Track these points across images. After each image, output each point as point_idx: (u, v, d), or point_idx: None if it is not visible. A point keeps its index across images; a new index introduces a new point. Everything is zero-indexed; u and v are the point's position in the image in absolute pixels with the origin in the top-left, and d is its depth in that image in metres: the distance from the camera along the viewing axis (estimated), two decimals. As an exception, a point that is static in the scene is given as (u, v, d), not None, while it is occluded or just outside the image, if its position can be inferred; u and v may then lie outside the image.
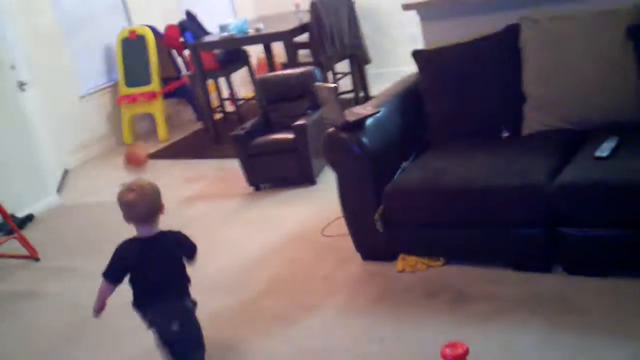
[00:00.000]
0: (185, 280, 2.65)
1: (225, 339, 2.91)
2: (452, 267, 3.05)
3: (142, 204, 2.49)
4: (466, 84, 3.37)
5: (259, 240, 3.89)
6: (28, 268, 4.30)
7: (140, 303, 2.65)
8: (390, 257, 3.21)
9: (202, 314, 3.17)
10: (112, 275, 2.62)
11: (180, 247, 2.63)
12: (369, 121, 3.19)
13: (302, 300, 3.09)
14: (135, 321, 3.30)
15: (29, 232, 4.76)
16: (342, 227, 3.44)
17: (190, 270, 3.73)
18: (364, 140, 3.08)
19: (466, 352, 1.58)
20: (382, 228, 3.10)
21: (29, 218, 5.16)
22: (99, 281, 3.89)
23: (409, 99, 3.56)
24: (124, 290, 3.69)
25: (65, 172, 6.51)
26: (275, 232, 3.94)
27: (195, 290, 3.46)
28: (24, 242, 4.41)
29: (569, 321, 2.49)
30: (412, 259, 3.13)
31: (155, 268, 2.57)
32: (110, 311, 3.48)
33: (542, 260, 2.83)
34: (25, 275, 4.21)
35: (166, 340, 2.59)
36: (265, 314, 3.05)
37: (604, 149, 2.76)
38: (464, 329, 2.59)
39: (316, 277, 3.27)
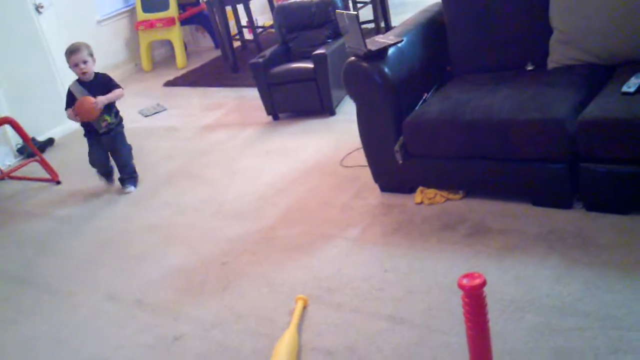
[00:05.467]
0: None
1: (242, 264, 2.96)
2: (471, 200, 3.05)
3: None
4: (491, 15, 3.28)
5: (276, 169, 3.90)
6: (49, 191, 4.37)
7: None
8: (409, 189, 3.21)
9: (220, 239, 3.23)
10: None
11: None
12: (390, 51, 3.13)
13: (319, 230, 3.12)
14: (152, 245, 3.37)
15: (49, 156, 4.81)
16: (361, 158, 3.44)
17: (208, 196, 3.77)
18: (386, 70, 3.03)
19: (483, 283, 1.59)
20: (402, 160, 3.08)
21: (50, 142, 5.20)
22: (119, 205, 3.96)
23: (432, 29, 3.47)
24: (143, 217, 3.75)
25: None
26: (293, 162, 3.95)
27: (213, 216, 3.51)
28: (45, 165, 4.46)
29: (587, 257, 2.49)
30: (430, 192, 3.12)
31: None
32: (130, 235, 3.55)
33: (563, 196, 2.82)
34: (46, 197, 4.28)
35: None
36: (282, 242, 3.08)
37: (631, 85, 2.69)
38: (481, 262, 2.60)
39: (334, 208, 3.29)
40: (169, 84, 6.46)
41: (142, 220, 3.64)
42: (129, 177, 4.09)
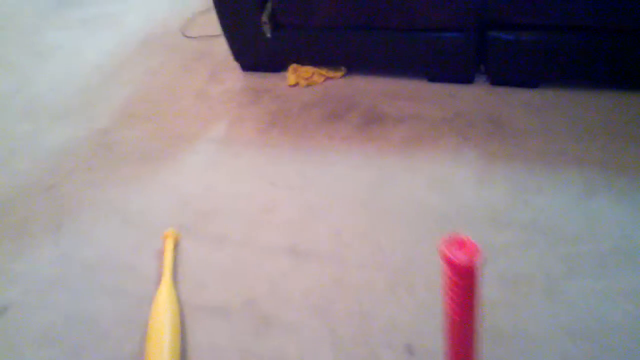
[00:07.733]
0: None
1: (77, 187, 2.23)
2: (356, 78, 2.52)
3: None
4: None
5: (100, 45, 3.05)
6: None
7: None
8: (279, 67, 2.61)
9: (38, 150, 2.45)
10: None
11: None
12: None
13: (172, 129, 2.44)
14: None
15: None
16: (209, 24, 2.70)
17: (12, 89, 2.89)
18: None
19: (478, 255, 1.04)
20: (270, 32, 2.44)
21: None
22: None
23: None
24: None
25: None
26: (120, 35, 3.11)
27: (23, 117, 2.68)
28: None
29: (505, 149, 2.10)
30: (306, 70, 2.54)
31: None
32: None
33: (464, 70, 2.38)
34: None
35: None
36: (126, 150, 2.37)
37: None
38: (385, 163, 2.12)
39: (186, 96, 2.60)
40: None
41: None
42: None
